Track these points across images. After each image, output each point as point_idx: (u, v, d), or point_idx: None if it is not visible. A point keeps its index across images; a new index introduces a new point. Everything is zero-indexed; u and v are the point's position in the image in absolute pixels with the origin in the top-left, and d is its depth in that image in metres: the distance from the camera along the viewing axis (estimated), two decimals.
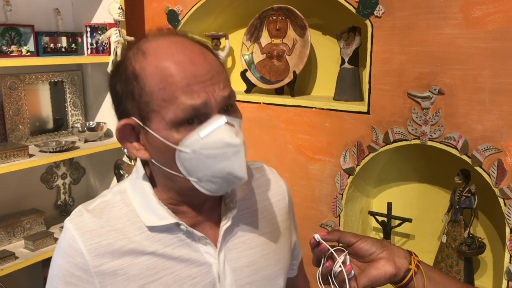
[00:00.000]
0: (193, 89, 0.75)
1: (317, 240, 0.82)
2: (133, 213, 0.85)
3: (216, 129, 0.76)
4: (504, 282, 1.47)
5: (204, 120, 0.76)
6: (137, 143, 0.83)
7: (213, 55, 0.82)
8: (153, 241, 0.83)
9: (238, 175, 0.77)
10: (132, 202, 0.86)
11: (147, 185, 0.86)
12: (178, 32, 0.84)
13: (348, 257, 0.82)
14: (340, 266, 0.81)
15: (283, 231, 0.98)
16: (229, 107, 0.81)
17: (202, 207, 0.88)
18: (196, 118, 0.76)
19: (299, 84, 2.04)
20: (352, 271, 0.81)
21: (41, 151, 2.00)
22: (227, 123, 0.77)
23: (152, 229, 0.84)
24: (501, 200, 1.45)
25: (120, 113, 0.82)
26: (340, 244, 0.85)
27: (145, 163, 0.89)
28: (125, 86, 0.80)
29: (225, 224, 0.88)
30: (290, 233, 1.01)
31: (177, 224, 0.84)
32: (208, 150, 0.76)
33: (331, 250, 0.82)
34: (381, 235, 1.89)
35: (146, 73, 0.77)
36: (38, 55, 2.08)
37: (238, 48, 2.18)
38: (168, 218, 0.83)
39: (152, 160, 0.82)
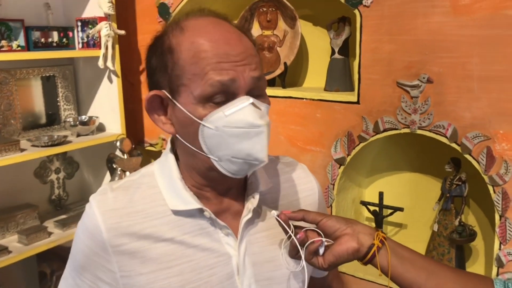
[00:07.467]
0: (223, 66, 0.76)
1: (275, 217, 0.82)
2: (159, 196, 0.85)
3: (241, 108, 0.77)
4: (494, 269, 1.47)
5: (231, 99, 0.77)
6: (164, 117, 0.84)
7: (249, 39, 0.82)
8: (174, 226, 0.84)
9: (259, 157, 0.78)
10: (158, 184, 0.86)
11: (175, 169, 0.87)
12: (218, 14, 0.85)
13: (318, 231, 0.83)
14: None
15: None
16: (259, 93, 0.81)
17: (226, 194, 0.88)
18: (223, 95, 0.77)
19: (290, 76, 2.04)
20: (321, 248, 0.82)
21: (33, 145, 2.00)
22: (253, 104, 0.77)
23: (176, 213, 0.84)
24: (490, 188, 1.46)
25: (152, 85, 0.85)
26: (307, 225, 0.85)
27: (173, 147, 0.90)
28: (160, 59, 0.82)
29: (245, 216, 0.87)
30: None
31: (201, 211, 0.84)
32: (231, 129, 0.76)
33: (292, 228, 0.82)
34: (373, 224, 1.89)
35: (181, 48, 0.79)
36: (28, 49, 2.07)
37: None
38: (193, 203, 0.83)
39: (177, 135, 0.84)
